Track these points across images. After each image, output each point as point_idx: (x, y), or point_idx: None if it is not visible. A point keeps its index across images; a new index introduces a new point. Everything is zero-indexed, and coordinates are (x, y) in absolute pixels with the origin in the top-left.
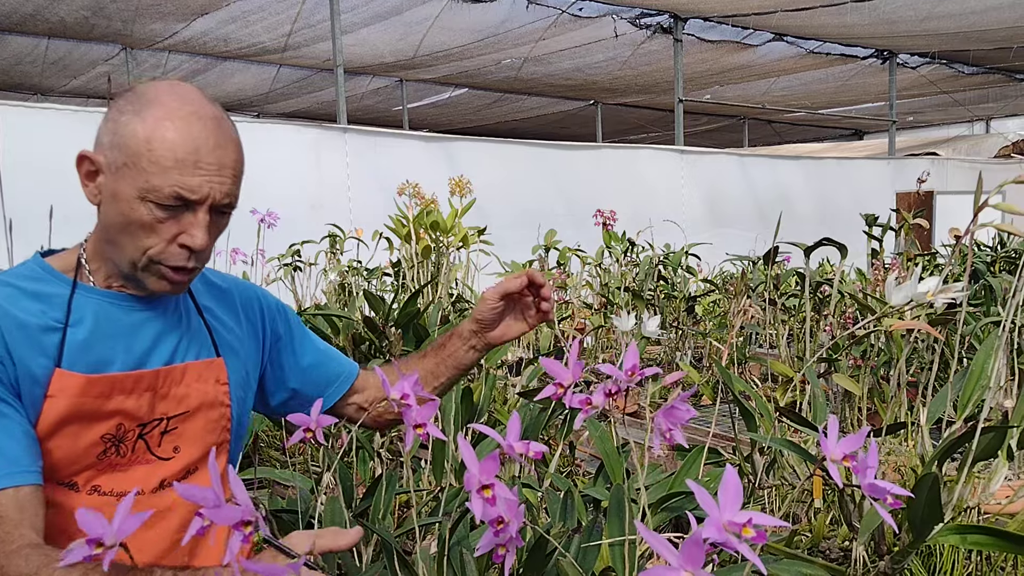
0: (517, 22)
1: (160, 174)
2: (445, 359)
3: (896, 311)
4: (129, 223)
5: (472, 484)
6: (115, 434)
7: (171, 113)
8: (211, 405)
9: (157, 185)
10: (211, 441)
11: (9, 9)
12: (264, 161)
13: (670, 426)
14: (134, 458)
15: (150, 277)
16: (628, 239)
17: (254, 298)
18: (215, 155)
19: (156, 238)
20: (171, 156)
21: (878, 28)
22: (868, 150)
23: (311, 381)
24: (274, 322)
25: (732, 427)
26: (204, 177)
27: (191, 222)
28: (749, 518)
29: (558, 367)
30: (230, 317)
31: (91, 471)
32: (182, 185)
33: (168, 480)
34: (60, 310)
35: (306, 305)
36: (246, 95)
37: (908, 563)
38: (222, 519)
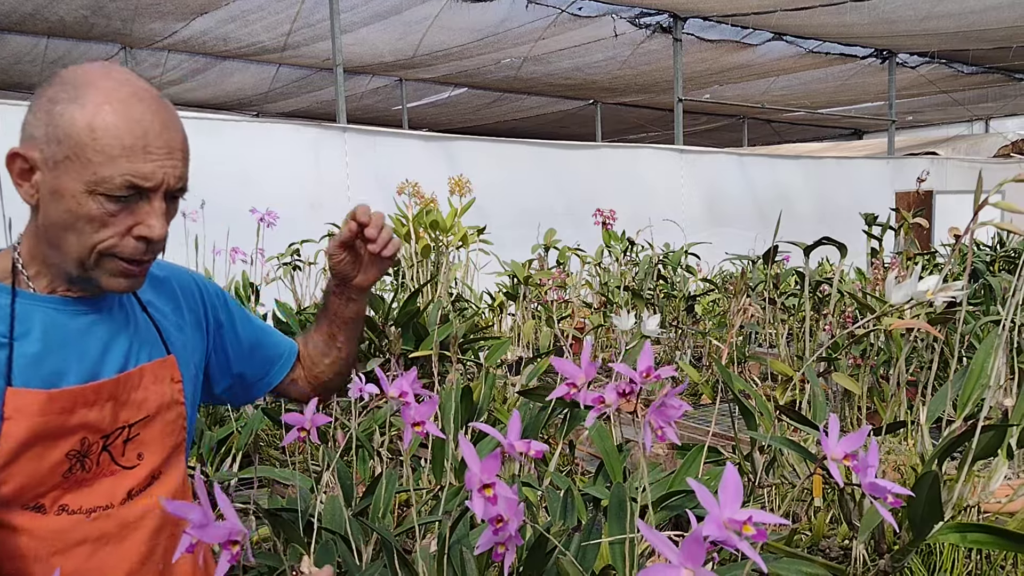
0: (517, 21)
1: (108, 164)
2: (333, 319)
3: (896, 310)
4: (76, 220)
5: (473, 483)
6: (79, 449)
7: (110, 96)
8: (168, 406)
9: (107, 176)
10: (171, 443)
11: (8, 8)
12: (263, 160)
13: (661, 424)
14: (99, 471)
15: (103, 275)
16: (628, 238)
17: (192, 285)
18: (163, 138)
19: (108, 232)
20: (118, 143)
21: (877, 27)
22: (867, 150)
23: (255, 362)
24: (215, 309)
25: (732, 426)
26: (156, 162)
27: (147, 211)
28: (749, 516)
29: (570, 366)
30: (172, 309)
31: (57, 490)
32: (134, 173)
33: (135, 489)
34: (3, 323)
35: (306, 304)
36: (245, 94)
37: (908, 561)
38: (210, 537)
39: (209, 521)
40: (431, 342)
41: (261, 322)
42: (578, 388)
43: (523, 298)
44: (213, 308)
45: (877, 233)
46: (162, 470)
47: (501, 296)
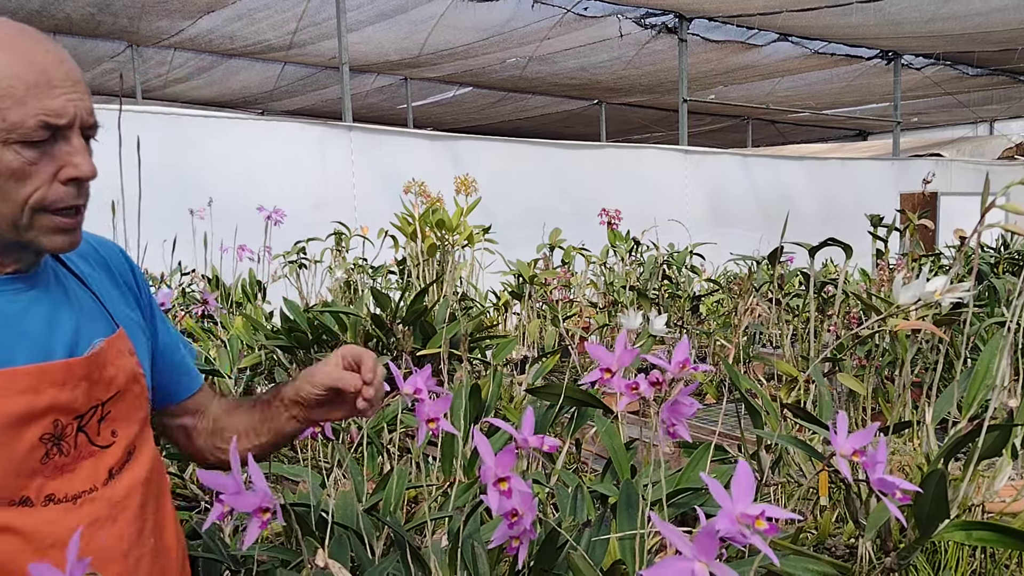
0: (522, 21)
1: (16, 107)
2: (267, 420)
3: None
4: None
5: (488, 477)
6: (53, 432)
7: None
8: (134, 379)
9: (17, 120)
10: (139, 416)
11: (15, 6)
12: (269, 159)
13: (674, 421)
14: (78, 454)
15: (40, 234)
16: (633, 238)
17: (123, 261)
18: (63, 70)
19: (33, 184)
20: (21, 83)
21: (883, 29)
22: (872, 151)
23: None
24: (149, 291)
25: (737, 426)
26: (64, 96)
27: (68, 152)
28: (762, 510)
29: (604, 352)
30: (111, 284)
31: (39, 479)
32: (46, 111)
33: (115, 467)
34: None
35: (312, 302)
36: (251, 92)
37: (913, 560)
38: (242, 505)
39: (241, 489)
40: (439, 340)
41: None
42: (612, 373)
43: (528, 297)
44: (147, 290)
45: (882, 234)
46: (136, 444)
47: (506, 295)
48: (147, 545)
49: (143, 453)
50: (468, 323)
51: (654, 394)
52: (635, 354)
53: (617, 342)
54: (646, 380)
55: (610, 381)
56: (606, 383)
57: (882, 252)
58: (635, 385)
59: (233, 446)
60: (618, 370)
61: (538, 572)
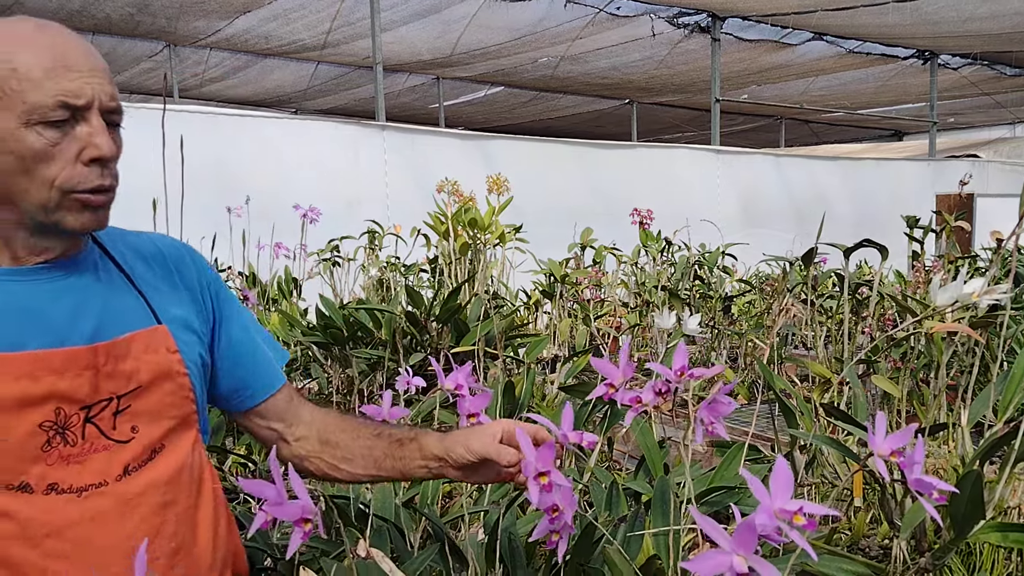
0: (554, 21)
1: (35, 89)
2: (394, 458)
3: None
4: (22, 160)
5: (529, 471)
6: (55, 420)
7: (15, 32)
8: (166, 376)
9: (37, 101)
10: (175, 415)
11: (56, 5)
12: (303, 157)
13: (712, 419)
14: (87, 446)
15: (68, 215)
16: (665, 238)
17: (189, 263)
18: (82, 57)
19: (58, 164)
20: (39, 67)
21: (919, 28)
22: (908, 151)
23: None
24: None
25: (768, 427)
26: (82, 79)
27: (88, 132)
28: (800, 506)
29: (609, 366)
30: (168, 285)
31: (40, 467)
32: (63, 91)
33: (132, 464)
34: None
35: (345, 299)
36: (284, 92)
37: (948, 561)
38: (284, 515)
39: (283, 500)
40: (472, 337)
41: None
42: (616, 388)
43: (559, 297)
44: (215, 295)
45: (918, 236)
46: (164, 444)
47: (537, 294)
48: (164, 548)
49: (174, 453)
50: (502, 321)
51: (692, 391)
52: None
53: (621, 354)
54: (652, 389)
55: (615, 395)
56: (611, 397)
57: (918, 254)
58: (638, 399)
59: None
60: (622, 384)
61: (574, 566)
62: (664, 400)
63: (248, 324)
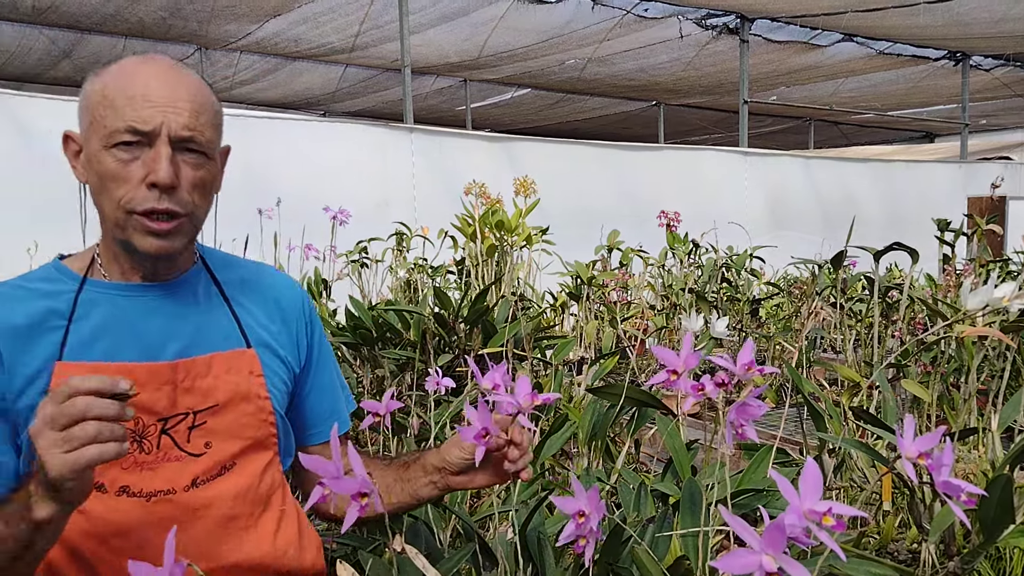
0: (582, 23)
1: (114, 116)
2: (403, 482)
3: (968, 317)
4: (103, 180)
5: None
6: (134, 429)
7: (125, 64)
8: (245, 398)
9: (115, 127)
10: (250, 436)
11: (90, 9)
12: (332, 159)
13: (743, 422)
14: (161, 455)
15: (134, 235)
16: (692, 241)
17: (299, 305)
18: (167, 91)
19: (126, 186)
20: (123, 96)
21: (951, 29)
22: (939, 153)
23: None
24: (318, 337)
25: (797, 430)
26: (156, 109)
27: (153, 158)
28: (829, 507)
29: (670, 354)
30: (267, 316)
31: (115, 470)
32: (135, 118)
33: (201, 477)
34: (66, 307)
35: (373, 300)
36: (313, 94)
37: (977, 566)
38: (341, 489)
39: (340, 475)
40: (500, 339)
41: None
42: (678, 375)
43: (586, 299)
44: (309, 334)
45: (949, 239)
46: (235, 462)
47: (563, 296)
48: (225, 558)
49: (244, 472)
50: (529, 323)
51: (720, 395)
52: (699, 356)
53: (684, 343)
54: (712, 381)
55: (676, 383)
56: (671, 385)
57: (948, 257)
58: (701, 387)
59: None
60: (684, 372)
61: (603, 566)
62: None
63: (335, 374)
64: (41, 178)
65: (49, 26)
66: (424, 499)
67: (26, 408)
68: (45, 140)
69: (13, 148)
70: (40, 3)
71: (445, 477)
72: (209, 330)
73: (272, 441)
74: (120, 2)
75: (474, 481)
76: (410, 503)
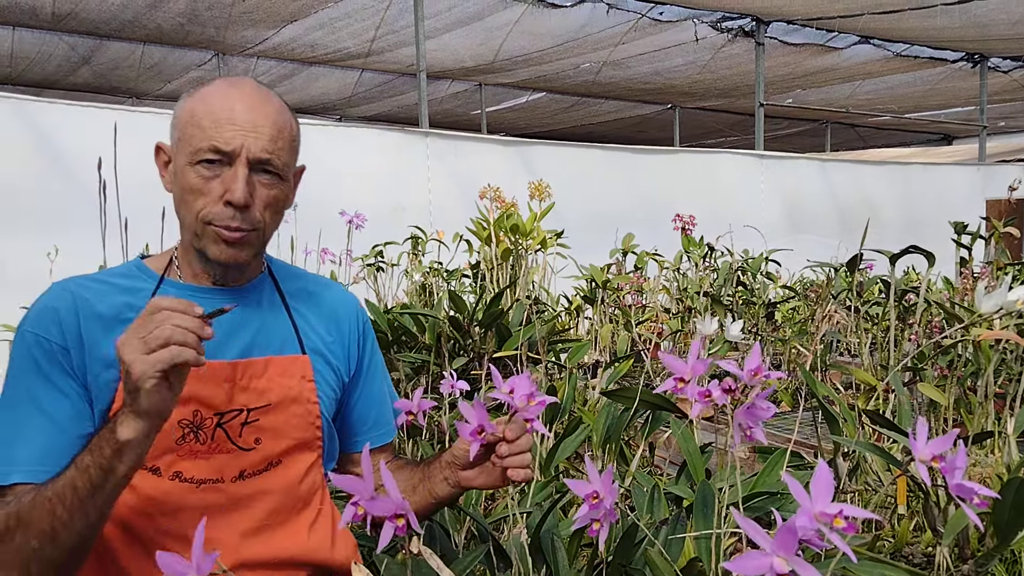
0: (597, 27)
1: (200, 135)
2: (425, 481)
3: (984, 320)
4: (185, 192)
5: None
6: (192, 420)
7: (214, 87)
8: (295, 400)
9: (199, 146)
10: (297, 436)
11: (109, 16)
12: (348, 164)
13: (751, 423)
14: (215, 446)
15: (209, 244)
16: (707, 244)
17: (354, 317)
18: (250, 115)
19: (205, 199)
20: (209, 117)
21: (968, 31)
22: (957, 155)
23: (361, 412)
24: (372, 349)
25: (812, 434)
26: (238, 131)
27: (231, 177)
28: (840, 509)
29: (677, 362)
30: (324, 327)
31: (171, 456)
32: (217, 138)
33: (248, 471)
34: (144, 302)
35: (388, 304)
36: (329, 99)
37: (992, 569)
38: (377, 510)
39: (375, 496)
40: (515, 342)
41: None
42: (686, 382)
43: (601, 302)
44: (361, 348)
45: (966, 242)
46: (281, 459)
47: (578, 300)
48: (262, 548)
49: (290, 469)
50: (543, 326)
51: (729, 400)
52: (707, 364)
53: (691, 351)
54: (719, 387)
55: (684, 390)
56: (680, 392)
57: (965, 260)
58: (708, 393)
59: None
60: (692, 379)
61: (616, 567)
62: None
63: (385, 384)
64: (59, 183)
65: (68, 32)
66: (441, 497)
67: (99, 393)
68: (62, 146)
69: (31, 153)
70: (60, 10)
71: (455, 472)
72: (269, 335)
73: (317, 443)
74: (138, 8)
75: (480, 478)
76: (430, 502)
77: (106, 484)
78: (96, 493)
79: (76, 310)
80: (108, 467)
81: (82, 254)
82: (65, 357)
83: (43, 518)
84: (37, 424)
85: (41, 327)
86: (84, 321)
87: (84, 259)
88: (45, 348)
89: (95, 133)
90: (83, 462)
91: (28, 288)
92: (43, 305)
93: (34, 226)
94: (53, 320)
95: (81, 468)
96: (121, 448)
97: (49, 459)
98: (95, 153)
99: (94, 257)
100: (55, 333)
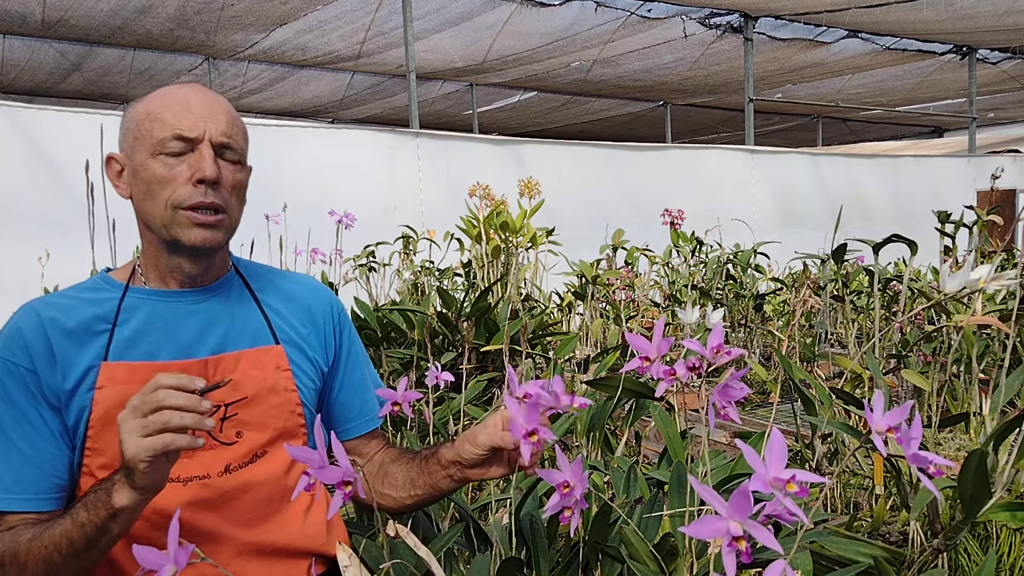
0: (586, 25)
1: (161, 127)
2: (424, 475)
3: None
4: (150, 185)
5: (518, 432)
6: None
7: (164, 89)
8: (272, 391)
9: (162, 136)
10: (279, 426)
11: (99, 22)
12: (340, 165)
13: (724, 404)
14: None
15: (181, 231)
16: (696, 238)
17: (328, 307)
18: (206, 103)
19: (173, 185)
20: (168, 110)
21: (956, 23)
22: (948, 147)
23: (342, 400)
24: (350, 337)
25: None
26: (198, 118)
27: (198, 159)
28: (793, 474)
29: (643, 341)
30: (297, 319)
31: None
32: (179, 126)
33: (233, 464)
34: (110, 313)
35: (381, 303)
36: (321, 102)
37: (967, 545)
38: (326, 478)
39: (325, 464)
40: (502, 336)
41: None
42: (651, 361)
43: (591, 298)
44: (338, 338)
45: (950, 231)
46: (266, 450)
47: (570, 296)
48: (256, 538)
49: (274, 459)
50: (531, 321)
51: (691, 379)
52: (671, 342)
53: (655, 329)
54: (684, 365)
55: (649, 368)
56: (645, 371)
57: (949, 248)
58: (673, 371)
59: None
60: (656, 358)
61: (592, 545)
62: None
63: (366, 372)
64: (52, 189)
65: (58, 39)
66: (444, 491)
67: (77, 406)
68: (54, 152)
69: (22, 160)
70: (49, 17)
71: (461, 470)
72: (240, 329)
73: (301, 431)
74: (128, 15)
75: (489, 472)
76: (432, 494)
77: (100, 541)
78: (91, 547)
79: (43, 329)
80: (103, 527)
81: (74, 258)
82: (34, 380)
83: (39, 565)
84: (3, 451)
85: (8, 351)
86: (53, 338)
87: (75, 263)
88: (12, 372)
89: (86, 139)
90: (79, 518)
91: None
92: (9, 329)
93: (28, 232)
94: (19, 343)
95: (77, 523)
96: (115, 513)
97: (20, 486)
98: (86, 158)
99: (85, 260)
100: (21, 356)
